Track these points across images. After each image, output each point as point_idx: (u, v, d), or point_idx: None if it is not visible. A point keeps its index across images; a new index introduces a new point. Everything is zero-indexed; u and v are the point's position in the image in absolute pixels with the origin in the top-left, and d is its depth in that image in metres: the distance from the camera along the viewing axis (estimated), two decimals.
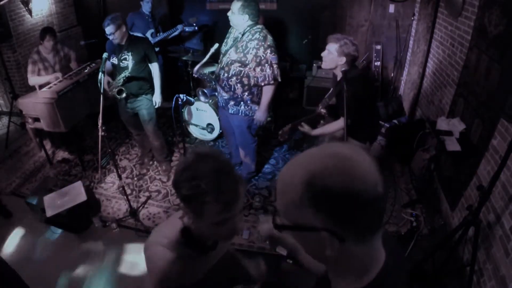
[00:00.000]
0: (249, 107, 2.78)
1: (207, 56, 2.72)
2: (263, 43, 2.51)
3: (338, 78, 2.33)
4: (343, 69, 2.23)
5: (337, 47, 2.18)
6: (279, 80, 2.68)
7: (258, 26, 2.55)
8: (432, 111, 3.46)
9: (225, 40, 2.75)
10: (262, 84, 2.62)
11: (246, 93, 2.70)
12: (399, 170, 3.49)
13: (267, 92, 2.67)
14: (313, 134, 2.50)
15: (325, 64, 2.29)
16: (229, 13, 2.51)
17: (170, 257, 1.01)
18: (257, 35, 2.51)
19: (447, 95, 3.10)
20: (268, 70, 2.56)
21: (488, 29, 2.35)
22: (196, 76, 2.85)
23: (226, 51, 2.62)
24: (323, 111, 2.53)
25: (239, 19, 2.47)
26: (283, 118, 4.50)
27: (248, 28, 2.52)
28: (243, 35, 2.54)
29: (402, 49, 4.33)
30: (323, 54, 2.27)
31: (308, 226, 0.60)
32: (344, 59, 2.20)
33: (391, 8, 4.24)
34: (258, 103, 2.79)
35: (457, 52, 2.92)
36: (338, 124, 2.32)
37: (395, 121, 4.03)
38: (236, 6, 2.44)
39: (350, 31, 4.59)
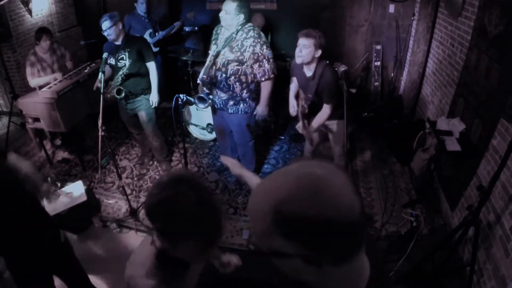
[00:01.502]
0: (248, 105, 2.80)
1: (208, 60, 2.71)
2: (259, 40, 2.54)
3: (310, 73, 2.45)
4: (343, 69, 2.27)
5: (314, 41, 2.29)
6: (276, 73, 2.73)
7: (249, 24, 2.58)
8: (432, 111, 3.46)
9: (213, 42, 2.73)
10: (262, 79, 2.65)
11: (245, 91, 2.71)
12: (399, 170, 3.49)
13: (267, 87, 2.70)
14: (314, 129, 2.57)
15: (303, 59, 2.37)
16: (222, 14, 2.50)
17: (151, 286, 0.97)
18: (251, 33, 2.53)
19: (447, 95, 3.09)
20: (266, 65, 2.60)
21: (488, 29, 2.35)
22: (201, 82, 2.82)
23: (219, 52, 2.62)
24: (306, 108, 2.57)
25: (234, 19, 2.48)
26: (283, 118, 4.51)
27: (240, 27, 2.54)
28: (236, 34, 2.54)
29: (402, 49, 4.32)
30: (299, 49, 2.35)
31: (281, 253, 0.57)
32: (320, 52, 2.33)
33: (391, 8, 4.24)
34: (255, 100, 2.82)
35: (457, 52, 2.92)
36: (326, 111, 2.48)
37: (395, 120, 4.04)
38: (231, 7, 2.44)
39: (350, 31, 4.59)
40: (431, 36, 3.60)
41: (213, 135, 3.90)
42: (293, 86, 2.77)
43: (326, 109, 2.49)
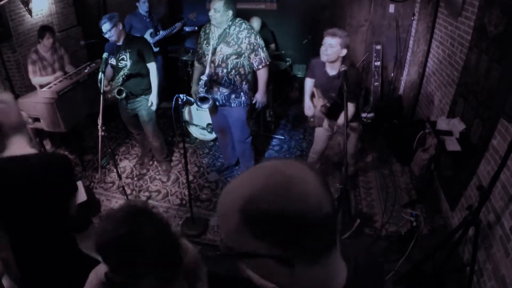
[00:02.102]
0: (248, 96, 2.89)
1: (208, 60, 2.71)
2: (252, 31, 2.66)
3: (334, 72, 2.46)
4: (343, 69, 2.28)
5: (340, 40, 2.30)
6: (270, 60, 2.84)
7: (238, 18, 2.68)
8: (432, 111, 3.46)
9: (203, 42, 2.77)
10: (260, 67, 2.75)
11: (244, 82, 2.80)
12: (399, 170, 3.49)
13: (264, 74, 2.80)
14: (339, 126, 2.62)
15: (328, 58, 2.39)
16: (211, 13, 2.56)
17: None
18: (244, 25, 2.64)
19: (447, 95, 3.09)
20: (262, 53, 2.72)
21: (488, 29, 2.35)
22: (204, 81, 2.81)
23: (214, 49, 2.67)
24: (327, 107, 2.60)
25: (224, 16, 2.56)
26: (283, 118, 4.51)
27: (231, 22, 2.62)
28: (229, 29, 2.62)
29: (402, 49, 4.32)
30: (324, 48, 2.36)
31: (252, 254, 0.56)
32: (345, 51, 2.35)
33: (391, 8, 4.24)
34: (253, 90, 2.92)
35: (457, 52, 2.92)
36: (351, 109, 2.50)
37: (395, 120, 4.04)
38: (219, 4, 2.51)
39: (350, 31, 4.59)
40: (431, 36, 3.60)
41: (213, 135, 3.90)
42: (309, 86, 2.76)
43: (350, 108, 2.50)
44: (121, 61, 2.85)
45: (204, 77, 2.66)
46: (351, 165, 3.13)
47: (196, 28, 4.71)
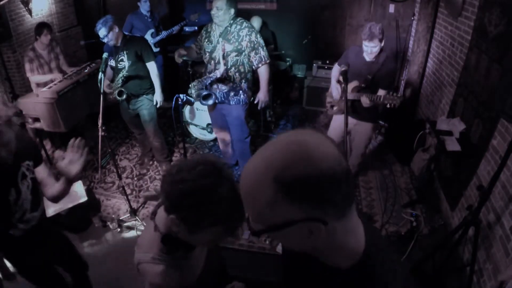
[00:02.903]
0: (247, 95, 2.89)
1: (221, 59, 2.74)
2: (253, 29, 2.68)
3: (370, 58, 2.55)
4: (343, 69, 2.28)
5: (378, 40, 2.42)
6: (270, 59, 2.85)
7: (239, 17, 2.70)
8: (432, 111, 3.46)
9: (204, 40, 2.80)
10: (260, 65, 2.75)
11: (243, 81, 2.81)
12: (399, 170, 3.49)
13: (265, 72, 2.80)
14: (382, 94, 2.63)
15: (373, 55, 2.52)
16: (213, 12, 2.59)
17: (160, 271, 0.97)
18: (245, 24, 2.67)
19: (447, 95, 3.10)
20: (262, 52, 2.73)
21: (488, 29, 2.35)
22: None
23: (214, 47, 2.71)
24: (362, 85, 2.66)
25: (226, 13, 2.58)
26: (283, 118, 4.51)
27: (232, 20, 2.65)
28: (230, 27, 2.65)
29: (402, 49, 4.32)
30: (369, 51, 2.47)
31: (287, 222, 0.60)
32: (383, 43, 2.48)
33: (391, 8, 4.24)
34: (251, 90, 2.93)
35: (457, 52, 2.92)
36: (383, 93, 2.55)
37: (395, 121, 4.03)
38: (221, 3, 2.53)
39: (350, 31, 4.60)
40: (431, 36, 3.60)
41: (213, 135, 3.90)
42: (337, 71, 2.81)
43: (382, 93, 2.57)
44: (120, 62, 2.85)
45: (214, 75, 2.70)
46: (356, 165, 3.14)
47: (196, 28, 4.72)
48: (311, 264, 0.75)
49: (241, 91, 2.84)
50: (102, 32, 2.68)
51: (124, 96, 2.87)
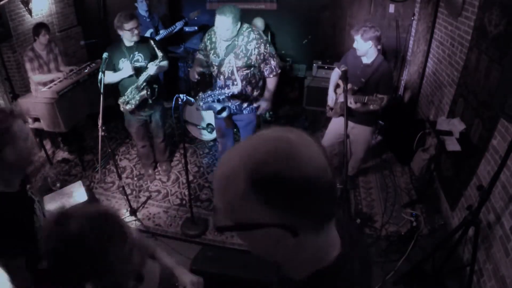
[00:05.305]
0: (257, 101, 2.83)
1: (235, 72, 2.64)
2: (261, 40, 2.53)
3: (369, 61, 2.55)
4: (343, 69, 2.28)
5: (362, 39, 2.44)
6: (281, 68, 2.78)
7: (244, 25, 2.52)
8: (432, 111, 3.46)
9: (210, 51, 2.64)
10: (270, 76, 2.68)
11: (255, 90, 2.76)
12: (399, 170, 3.50)
13: (274, 83, 2.74)
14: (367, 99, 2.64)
15: (362, 54, 2.54)
16: (221, 31, 2.41)
17: None
18: (252, 35, 2.49)
19: (447, 95, 3.10)
20: (272, 62, 2.64)
21: (488, 29, 2.35)
22: (204, 109, 2.75)
23: (222, 60, 2.57)
24: (355, 88, 2.65)
25: (234, 31, 2.43)
26: (283, 118, 4.51)
27: (237, 32, 2.49)
28: (238, 40, 2.49)
29: (402, 49, 4.32)
30: (356, 45, 2.50)
31: (255, 224, 0.53)
32: (370, 43, 2.45)
33: (391, 8, 4.24)
34: (262, 94, 2.83)
35: (457, 52, 2.92)
36: (385, 100, 2.50)
37: (395, 121, 4.03)
38: (229, 22, 2.34)
39: (350, 31, 4.58)
40: (431, 36, 3.60)
41: (213, 135, 3.90)
42: (335, 77, 2.80)
43: (384, 100, 2.54)
44: (136, 63, 2.76)
45: (230, 92, 2.51)
46: (355, 168, 3.14)
47: (196, 28, 4.71)
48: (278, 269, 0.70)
49: (253, 100, 2.78)
50: (133, 23, 2.58)
51: (148, 92, 2.76)
